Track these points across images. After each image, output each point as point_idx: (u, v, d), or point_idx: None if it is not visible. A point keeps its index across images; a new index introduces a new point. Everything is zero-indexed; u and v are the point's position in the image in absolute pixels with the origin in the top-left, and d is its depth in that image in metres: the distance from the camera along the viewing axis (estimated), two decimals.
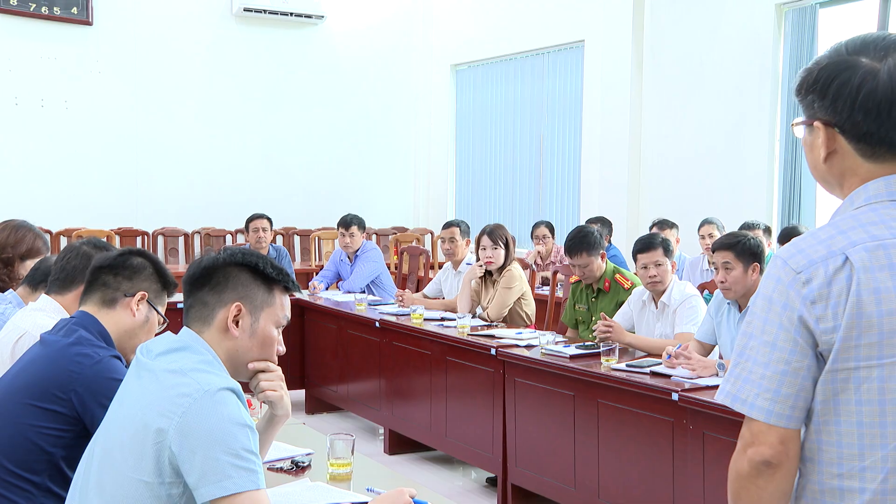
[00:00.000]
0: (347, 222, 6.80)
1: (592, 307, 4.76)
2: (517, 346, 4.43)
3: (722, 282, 3.80)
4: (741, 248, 3.76)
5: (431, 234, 10.59)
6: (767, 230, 6.27)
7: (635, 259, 4.39)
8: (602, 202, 8.42)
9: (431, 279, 6.42)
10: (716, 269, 3.85)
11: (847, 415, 1.38)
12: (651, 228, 6.61)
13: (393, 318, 5.40)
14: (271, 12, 9.90)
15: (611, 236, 7.24)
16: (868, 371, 1.36)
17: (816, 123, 1.45)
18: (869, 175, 1.45)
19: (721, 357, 3.94)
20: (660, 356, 3.84)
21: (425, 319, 5.23)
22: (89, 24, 9.14)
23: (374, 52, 10.67)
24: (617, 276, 4.75)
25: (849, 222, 1.41)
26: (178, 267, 8.93)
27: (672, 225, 6.70)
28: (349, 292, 6.61)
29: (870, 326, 1.35)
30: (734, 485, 1.44)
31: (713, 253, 3.89)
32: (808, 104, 1.47)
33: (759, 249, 3.82)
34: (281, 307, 1.92)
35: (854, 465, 1.38)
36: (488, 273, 5.43)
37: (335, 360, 6.01)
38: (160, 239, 9.40)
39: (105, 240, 2.93)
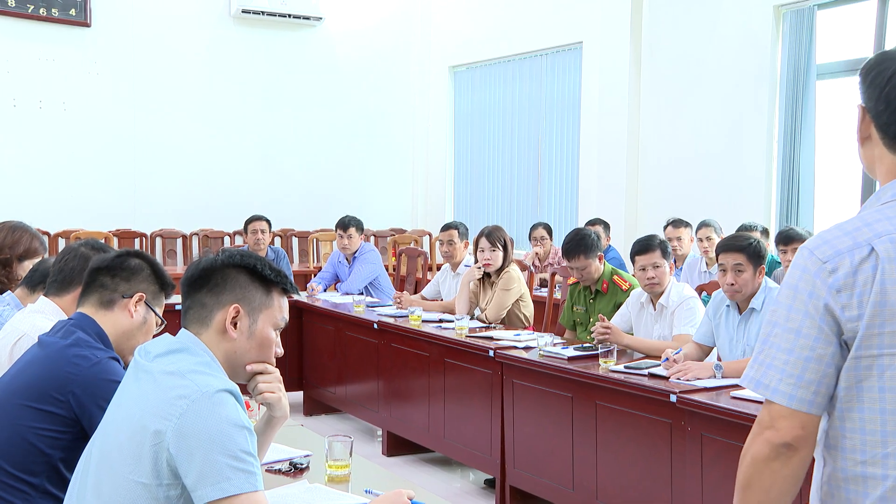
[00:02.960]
0: (345, 224, 6.80)
1: (590, 309, 4.76)
2: (515, 347, 4.43)
3: (731, 284, 3.78)
4: (752, 251, 3.78)
5: (430, 235, 10.59)
6: (765, 232, 6.27)
7: (633, 261, 4.39)
8: (600, 204, 8.42)
9: (430, 281, 6.42)
10: (723, 270, 3.82)
11: (870, 402, 1.40)
12: (665, 228, 6.56)
13: (391, 320, 5.40)
14: (269, 14, 9.89)
15: (610, 238, 7.24)
16: (891, 359, 1.39)
17: (858, 106, 1.51)
18: (894, 167, 1.49)
19: (719, 359, 3.94)
20: (658, 358, 3.85)
21: (423, 321, 5.23)
22: (87, 25, 9.14)
23: (372, 53, 10.68)
24: (615, 277, 4.75)
25: (875, 215, 1.45)
26: (177, 268, 8.92)
27: (686, 224, 6.63)
28: (347, 294, 6.62)
29: (893, 315, 1.38)
30: (748, 470, 1.45)
31: (721, 254, 3.85)
32: (860, 88, 1.52)
33: (765, 252, 3.85)
34: (279, 309, 1.92)
35: (877, 451, 1.40)
36: (486, 275, 5.43)
37: (333, 361, 6.01)
38: (158, 240, 9.39)
39: (103, 241, 2.93)
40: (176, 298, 2.03)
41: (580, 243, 4.65)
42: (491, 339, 4.65)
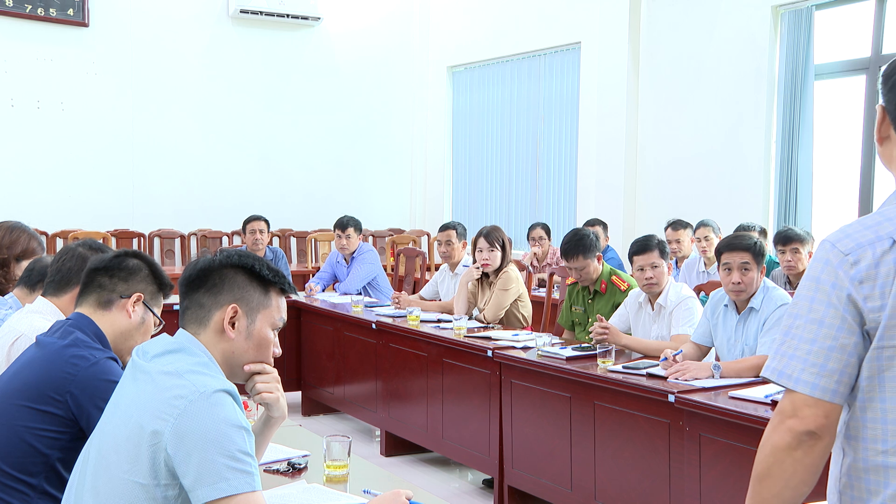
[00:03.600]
0: (344, 224, 6.79)
1: (589, 309, 4.76)
2: (514, 347, 4.43)
3: (738, 283, 3.78)
4: (757, 250, 3.80)
5: (428, 235, 10.59)
6: (763, 232, 6.28)
7: (631, 261, 4.39)
8: (598, 204, 8.43)
9: (428, 281, 6.42)
10: (727, 269, 3.81)
11: (892, 391, 1.42)
12: (665, 230, 6.57)
13: (389, 320, 5.40)
14: (268, 14, 9.90)
15: (608, 238, 7.24)
16: None
17: (878, 106, 1.54)
18: None
19: (717, 359, 3.94)
20: (656, 358, 3.85)
21: (422, 321, 5.23)
22: (85, 25, 9.14)
23: (370, 53, 10.68)
24: (613, 277, 4.75)
25: (895, 211, 1.48)
26: (175, 269, 8.91)
27: (686, 225, 6.64)
28: (346, 294, 6.61)
29: None
30: (768, 459, 1.46)
31: (725, 253, 3.84)
32: (881, 90, 1.55)
33: (765, 252, 3.87)
34: (277, 309, 1.92)
35: None
36: (485, 275, 5.43)
37: (331, 361, 6.01)
38: (156, 241, 9.39)
39: (101, 241, 2.92)
40: (174, 299, 2.03)
41: (579, 243, 4.65)
42: (489, 339, 4.64)
